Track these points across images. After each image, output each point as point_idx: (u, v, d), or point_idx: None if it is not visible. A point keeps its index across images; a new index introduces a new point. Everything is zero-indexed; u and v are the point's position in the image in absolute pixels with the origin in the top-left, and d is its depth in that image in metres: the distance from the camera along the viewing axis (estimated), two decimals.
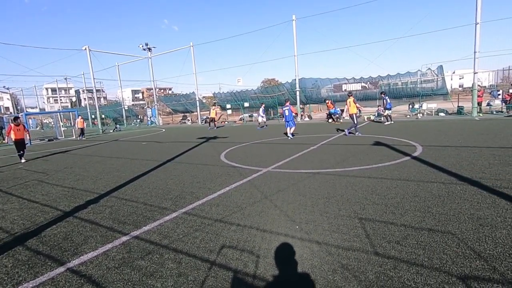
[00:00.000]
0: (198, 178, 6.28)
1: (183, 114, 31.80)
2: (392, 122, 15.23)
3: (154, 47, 28.38)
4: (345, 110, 14.58)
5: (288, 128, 12.13)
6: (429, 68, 18.98)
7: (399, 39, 45.95)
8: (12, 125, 10.96)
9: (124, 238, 3.53)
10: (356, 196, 4.37)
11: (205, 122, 27.89)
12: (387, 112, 15.36)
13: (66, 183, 6.73)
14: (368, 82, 19.50)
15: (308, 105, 24.37)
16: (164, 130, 23.76)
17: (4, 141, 21.11)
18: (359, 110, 12.85)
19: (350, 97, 12.13)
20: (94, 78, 24.92)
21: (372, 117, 18.02)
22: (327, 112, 19.01)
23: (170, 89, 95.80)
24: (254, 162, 7.50)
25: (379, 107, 19.44)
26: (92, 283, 2.64)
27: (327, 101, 19.14)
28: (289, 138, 11.86)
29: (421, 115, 18.15)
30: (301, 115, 21.94)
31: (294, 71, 20.96)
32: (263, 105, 19.11)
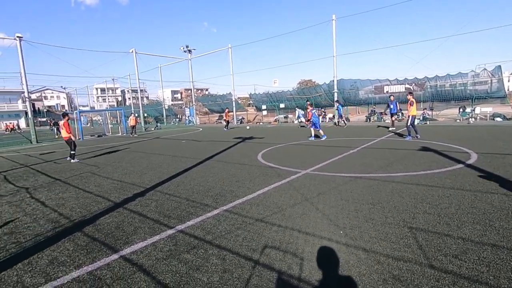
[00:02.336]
0: (237, 177, 6.37)
1: (219, 114, 32.58)
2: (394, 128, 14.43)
3: (194, 49, 29.54)
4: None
5: (317, 130, 12.46)
6: (484, 69, 17.31)
7: (449, 37, 42.68)
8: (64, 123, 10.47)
9: (170, 231, 3.69)
10: (403, 204, 4.12)
11: (241, 123, 28.29)
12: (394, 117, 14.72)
13: (115, 176, 7.23)
14: (413, 84, 18.32)
15: (345, 107, 23.62)
16: (201, 129, 24.53)
17: (57, 136, 23.28)
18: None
19: (412, 96, 10.91)
20: (139, 79, 26.57)
21: (417, 121, 16.90)
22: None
23: (206, 89, 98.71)
24: (292, 163, 7.43)
25: (425, 110, 18.21)
26: (143, 272, 2.79)
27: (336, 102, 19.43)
28: (321, 138, 12.09)
29: (473, 119, 16.65)
30: (338, 118, 21.28)
31: (331, 72, 20.45)
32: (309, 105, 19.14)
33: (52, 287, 2.65)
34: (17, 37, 19.35)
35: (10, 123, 47.85)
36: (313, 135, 12.40)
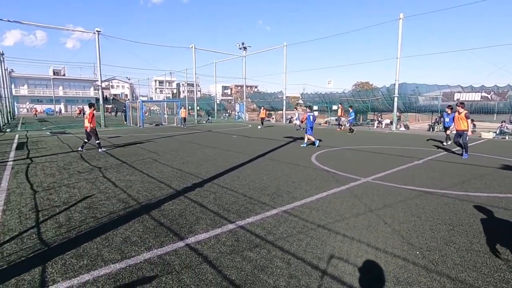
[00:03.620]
0: (292, 177, 6.23)
1: (268, 112, 32.73)
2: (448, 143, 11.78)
3: (249, 46, 30.02)
4: (451, 127, 11.31)
5: (310, 136, 11.01)
6: None
7: None
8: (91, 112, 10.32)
9: (231, 226, 3.70)
10: (493, 230, 3.58)
11: (289, 122, 28.01)
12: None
13: (174, 165, 7.61)
14: (492, 92, 16.14)
15: (405, 113, 21.89)
16: (250, 125, 24.83)
17: (125, 122, 25.53)
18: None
19: (463, 109, 8.78)
20: (196, 73, 27.86)
21: (493, 135, 14.91)
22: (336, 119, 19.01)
23: (256, 87, 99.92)
24: (350, 169, 7.05)
25: (503, 123, 15.97)
26: (208, 264, 2.81)
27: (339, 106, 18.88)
28: (303, 145, 11.00)
29: None
30: (397, 125, 19.81)
31: (392, 75, 19.09)
32: (351, 109, 18.11)
33: (126, 264, 2.81)
34: (96, 31, 21.61)
35: (79, 107, 53.44)
36: (305, 142, 11.10)
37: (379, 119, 22.04)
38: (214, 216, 4.04)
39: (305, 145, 11.02)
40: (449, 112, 11.77)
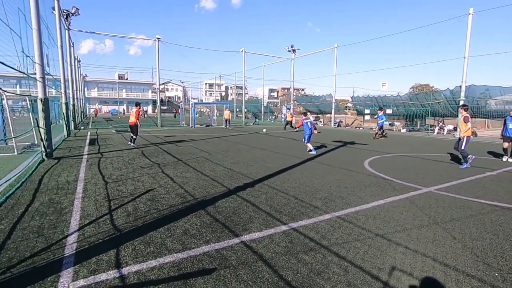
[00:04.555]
0: (344, 183, 6.02)
1: (315, 115, 32.07)
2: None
3: (298, 49, 29.83)
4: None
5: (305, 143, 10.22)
6: None
7: None
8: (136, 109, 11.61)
9: (284, 227, 3.71)
10: None
11: (338, 126, 27.09)
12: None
13: (225, 164, 7.88)
14: None
15: (473, 119, 19.61)
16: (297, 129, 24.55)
17: (189, 125, 27.18)
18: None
19: (465, 111, 7.97)
20: (245, 77, 28.56)
21: None
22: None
23: (303, 89, 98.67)
24: (408, 177, 6.56)
25: None
26: (264, 262, 2.85)
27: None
28: (313, 153, 9.87)
29: None
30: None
31: (457, 77, 17.29)
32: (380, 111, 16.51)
33: (188, 255, 2.99)
34: (156, 38, 23.46)
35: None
36: (312, 149, 10.07)
37: (441, 124, 20.09)
38: (267, 216, 4.08)
39: (314, 152, 10.00)
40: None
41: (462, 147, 7.90)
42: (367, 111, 23.64)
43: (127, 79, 70.75)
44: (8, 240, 3.26)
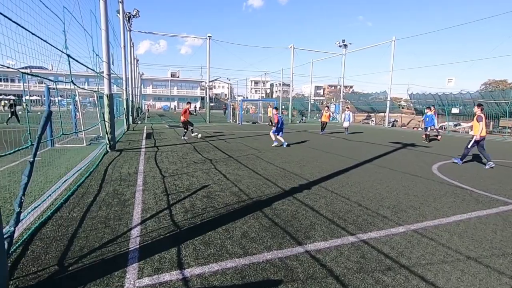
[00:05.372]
0: (414, 190, 5.35)
1: (366, 114, 30.23)
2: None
3: (350, 44, 28.29)
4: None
5: (276, 134, 10.92)
6: None
7: None
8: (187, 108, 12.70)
9: (352, 239, 3.32)
10: None
11: (392, 126, 25.15)
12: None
13: (277, 163, 7.63)
14: None
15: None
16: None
17: (233, 120, 27.72)
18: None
19: (480, 111, 7.87)
20: (293, 74, 28.01)
21: None
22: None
23: (351, 87, 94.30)
24: (491, 187, 5.62)
25: None
26: (335, 279, 2.53)
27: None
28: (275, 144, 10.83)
29: None
30: None
31: None
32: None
33: (250, 261, 2.79)
34: (208, 36, 24.11)
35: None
36: (282, 142, 10.80)
37: None
38: (330, 224, 3.73)
39: (285, 145, 10.77)
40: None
41: (467, 145, 7.84)
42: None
43: (178, 77, 74.73)
44: (80, 229, 3.41)
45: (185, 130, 12.72)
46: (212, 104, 71.41)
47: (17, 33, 3.17)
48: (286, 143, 10.83)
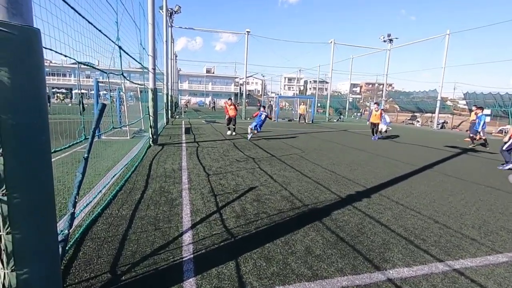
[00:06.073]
0: (497, 207, 4.54)
1: (411, 114, 28.10)
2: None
3: (396, 38, 26.35)
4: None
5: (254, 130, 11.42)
6: None
7: None
8: (227, 105, 13.00)
9: (441, 266, 2.73)
10: None
11: (441, 127, 23.09)
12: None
13: (324, 165, 7.07)
14: None
15: None
16: (390, 128, 21.88)
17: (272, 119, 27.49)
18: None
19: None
20: (332, 70, 26.85)
21: None
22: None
23: (390, 85, 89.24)
24: None
25: None
26: None
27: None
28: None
29: None
30: None
31: None
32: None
33: (322, 287, 2.35)
34: (246, 31, 23.85)
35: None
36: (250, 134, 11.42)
37: None
38: (407, 244, 3.15)
39: (248, 138, 11.23)
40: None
41: (504, 147, 7.51)
42: (487, 111, 19.28)
43: (213, 73, 75.92)
44: (130, 230, 3.20)
45: (234, 126, 12.87)
46: (247, 100, 71.76)
47: (73, 24, 2.98)
48: (249, 136, 11.42)
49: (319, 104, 40.19)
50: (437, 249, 3.08)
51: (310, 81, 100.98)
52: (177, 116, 24.50)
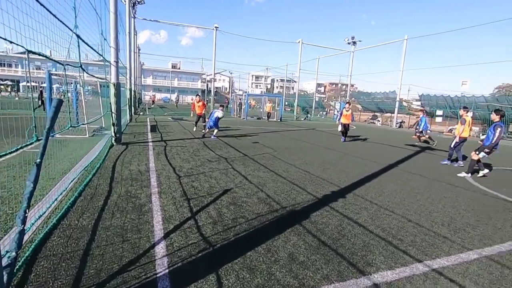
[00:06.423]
0: (460, 203, 4.82)
1: (373, 114, 29.68)
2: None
3: (359, 41, 27.58)
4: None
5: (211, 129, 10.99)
6: None
7: None
8: (195, 101, 12.77)
9: (421, 267, 2.77)
10: None
11: (399, 127, 24.65)
12: None
13: (298, 165, 7.06)
14: None
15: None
16: (354, 127, 22.86)
17: (241, 116, 27.05)
18: None
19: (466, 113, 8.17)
20: (300, 69, 27.34)
21: None
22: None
23: (353, 85, 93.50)
24: None
25: None
26: None
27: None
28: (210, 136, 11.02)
29: None
30: None
31: None
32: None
33: None
34: (215, 27, 23.32)
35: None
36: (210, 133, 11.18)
37: None
38: (387, 245, 3.17)
39: (212, 138, 10.89)
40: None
41: (451, 145, 8.33)
42: (439, 112, 20.94)
43: (179, 68, 73.56)
44: (93, 243, 2.83)
45: (204, 124, 12.63)
46: (215, 98, 70.61)
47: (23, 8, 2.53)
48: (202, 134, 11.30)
49: (286, 103, 40.83)
50: (415, 249, 3.13)
51: (277, 80, 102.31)
52: (141, 113, 23.26)
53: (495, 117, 6.85)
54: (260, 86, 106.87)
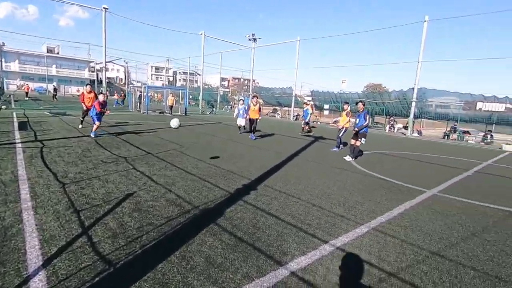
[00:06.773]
0: (349, 184, 5.60)
1: (273, 108, 32.01)
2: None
3: (259, 38, 29.06)
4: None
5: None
6: None
7: None
8: (85, 92, 10.82)
9: (328, 248, 3.03)
10: None
11: (296, 119, 27.36)
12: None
13: (207, 160, 6.85)
14: None
15: (420, 119, 21.58)
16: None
17: (141, 111, 24.15)
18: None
19: (348, 107, 9.62)
20: (203, 62, 26.82)
21: None
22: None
23: (254, 80, 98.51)
24: (404, 178, 6.44)
25: None
26: None
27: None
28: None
29: None
30: (411, 130, 19.47)
31: (406, 78, 18.64)
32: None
33: None
34: (103, 8, 20.31)
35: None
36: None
37: (392, 122, 21.65)
38: (298, 232, 3.35)
39: (98, 135, 9.31)
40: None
41: (340, 135, 9.80)
42: (326, 106, 24.24)
43: (58, 53, 61.45)
44: None
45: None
46: (108, 89, 62.17)
47: None
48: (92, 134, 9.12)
49: (191, 96, 39.65)
50: (321, 231, 3.42)
51: (180, 72, 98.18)
52: (3, 107, 18.27)
53: (361, 107, 8.43)
54: (161, 78, 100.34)
